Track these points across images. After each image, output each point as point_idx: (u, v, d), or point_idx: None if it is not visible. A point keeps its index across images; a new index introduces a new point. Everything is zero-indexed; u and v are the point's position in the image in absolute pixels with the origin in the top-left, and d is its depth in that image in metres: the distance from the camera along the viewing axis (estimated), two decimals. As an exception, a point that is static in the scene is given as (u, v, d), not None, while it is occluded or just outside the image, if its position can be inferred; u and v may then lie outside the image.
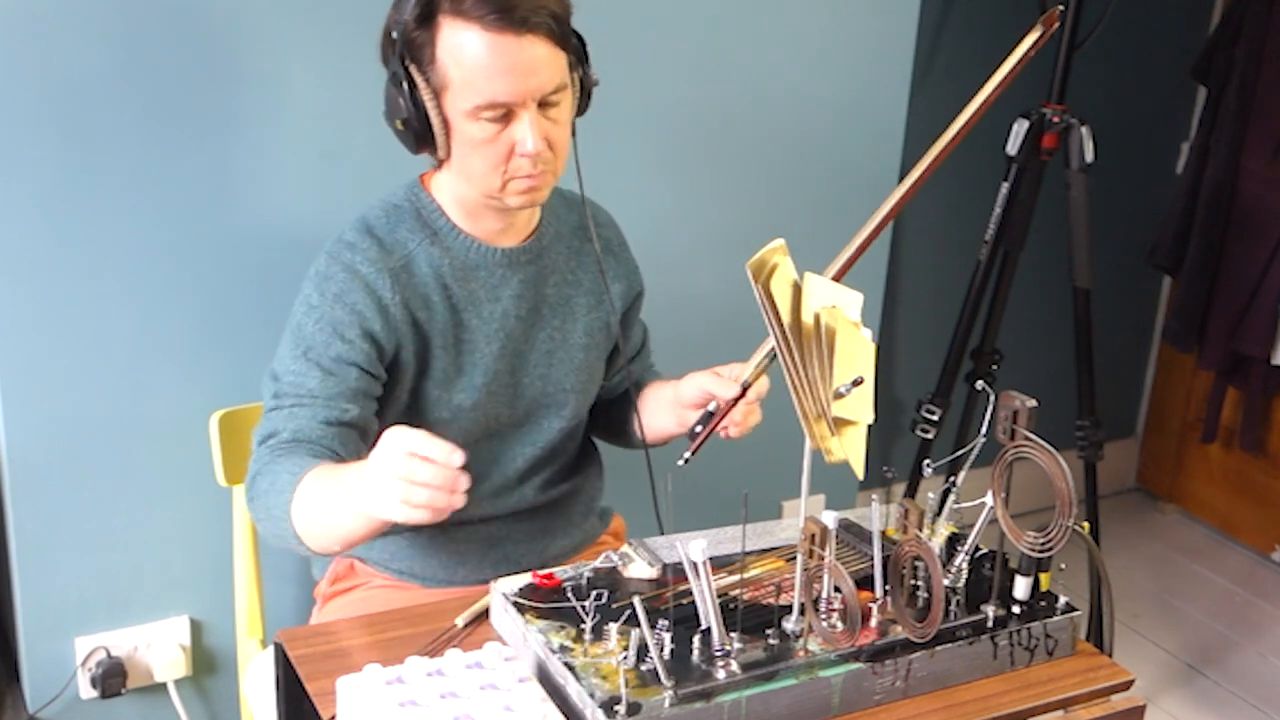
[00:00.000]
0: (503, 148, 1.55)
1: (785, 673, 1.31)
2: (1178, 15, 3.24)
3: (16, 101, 1.83)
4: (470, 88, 1.51)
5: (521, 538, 1.77)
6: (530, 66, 1.51)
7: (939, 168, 1.63)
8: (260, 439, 1.58)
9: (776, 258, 1.34)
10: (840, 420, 1.37)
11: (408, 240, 1.63)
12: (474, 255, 1.66)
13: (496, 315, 1.68)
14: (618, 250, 1.82)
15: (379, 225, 1.64)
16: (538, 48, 1.52)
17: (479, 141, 1.55)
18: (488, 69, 1.50)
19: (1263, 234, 2.98)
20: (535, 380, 1.73)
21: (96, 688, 2.10)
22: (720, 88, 2.37)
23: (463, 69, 1.51)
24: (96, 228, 1.93)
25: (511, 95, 1.52)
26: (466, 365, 1.67)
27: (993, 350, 2.80)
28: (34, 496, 1.99)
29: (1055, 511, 1.34)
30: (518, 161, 1.56)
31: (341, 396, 1.58)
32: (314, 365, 1.58)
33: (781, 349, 1.33)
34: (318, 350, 1.58)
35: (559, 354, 1.74)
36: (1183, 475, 3.55)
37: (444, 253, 1.64)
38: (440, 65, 1.52)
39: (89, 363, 1.97)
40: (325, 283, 1.60)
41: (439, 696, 1.19)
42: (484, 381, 1.68)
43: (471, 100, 1.52)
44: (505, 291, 1.68)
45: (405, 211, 1.66)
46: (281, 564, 2.15)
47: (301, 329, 1.60)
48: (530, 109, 1.53)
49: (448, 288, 1.64)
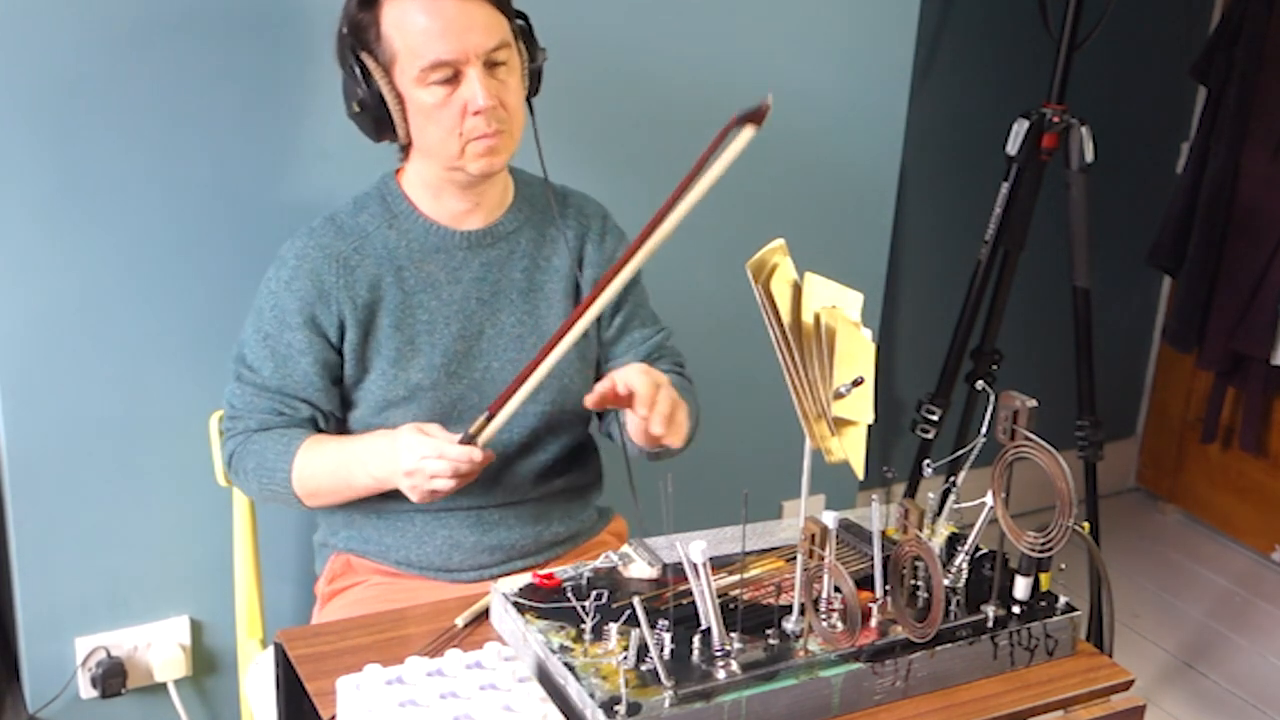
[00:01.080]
0: (455, 110, 1.60)
1: (785, 673, 1.31)
2: (1178, 15, 3.24)
3: (16, 102, 1.83)
4: (414, 53, 1.58)
5: (515, 523, 1.78)
6: (468, 24, 1.58)
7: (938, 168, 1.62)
8: (229, 414, 1.75)
9: (776, 258, 1.34)
10: (840, 420, 1.37)
11: (367, 224, 1.71)
12: (433, 238, 1.71)
13: (456, 297, 1.71)
14: (600, 239, 1.82)
15: (344, 212, 1.73)
16: (476, 7, 1.59)
17: (431, 108, 1.60)
18: (427, 30, 1.58)
19: (1263, 234, 2.98)
20: (505, 366, 1.74)
21: (96, 688, 2.10)
22: (720, 87, 2.37)
23: (405, 36, 1.58)
24: (96, 228, 1.93)
25: (454, 53, 1.58)
26: (423, 345, 1.71)
27: (993, 350, 2.80)
28: (34, 496, 1.99)
29: (1055, 511, 1.34)
30: (472, 122, 1.61)
31: (293, 393, 1.70)
32: (270, 352, 1.70)
33: (781, 349, 1.33)
34: (274, 338, 1.70)
35: (529, 339, 1.75)
36: (1183, 475, 3.55)
37: (400, 235, 1.71)
38: (386, 39, 1.60)
39: (89, 363, 1.97)
40: (280, 268, 1.70)
41: (439, 696, 1.19)
42: (442, 362, 1.71)
43: (416, 64, 1.58)
44: (465, 274, 1.72)
45: (372, 198, 1.74)
46: (281, 564, 2.15)
47: (261, 313, 1.71)
48: (476, 65, 1.59)
49: (401, 269, 1.70)
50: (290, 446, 1.68)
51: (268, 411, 1.71)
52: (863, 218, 2.63)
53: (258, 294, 1.72)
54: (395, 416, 1.71)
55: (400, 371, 1.70)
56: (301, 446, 1.68)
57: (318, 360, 1.69)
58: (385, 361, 1.70)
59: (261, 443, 1.70)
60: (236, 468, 1.74)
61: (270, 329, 1.69)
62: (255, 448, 1.70)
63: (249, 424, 1.72)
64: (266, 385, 1.70)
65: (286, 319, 1.68)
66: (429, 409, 1.71)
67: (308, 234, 1.70)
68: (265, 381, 1.70)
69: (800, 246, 1.42)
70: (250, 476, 1.71)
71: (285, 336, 1.68)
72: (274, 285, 1.69)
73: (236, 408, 1.73)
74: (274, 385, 1.70)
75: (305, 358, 1.69)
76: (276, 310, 1.69)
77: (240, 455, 1.72)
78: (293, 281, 1.68)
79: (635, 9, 2.23)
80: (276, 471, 1.68)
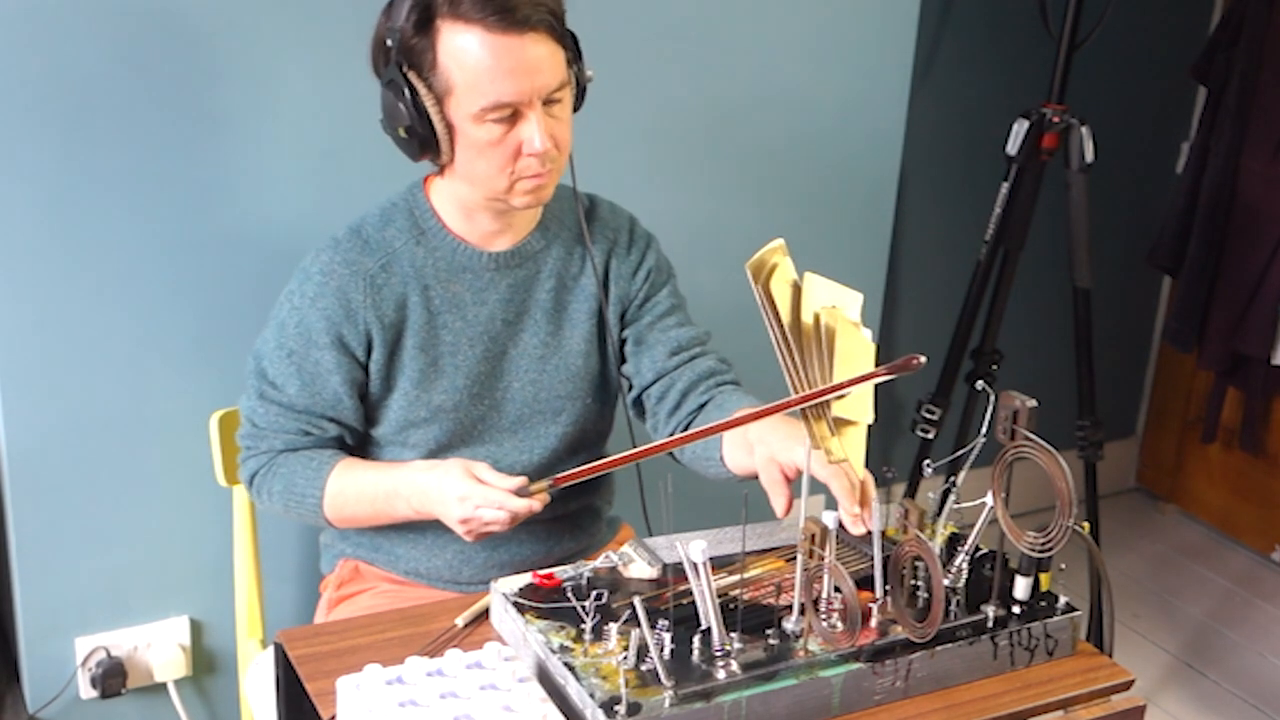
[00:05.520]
0: (509, 149, 1.55)
1: (785, 673, 1.31)
2: (1178, 15, 3.24)
3: (17, 102, 1.83)
4: (475, 91, 1.51)
5: (527, 539, 1.76)
6: (534, 65, 1.52)
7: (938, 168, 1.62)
8: (248, 431, 1.68)
9: (776, 258, 1.34)
10: (840, 420, 1.37)
11: (394, 239, 1.65)
12: (461, 257, 1.66)
13: (481, 319, 1.68)
14: (627, 250, 1.77)
15: (370, 225, 1.67)
16: (540, 46, 1.52)
17: (485, 144, 1.55)
18: (492, 70, 1.50)
19: (1263, 234, 2.98)
20: (526, 386, 1.72)
21: (96, 688, 2.10)
22: (720, 88, 2.37)
23: (466, 72, 1.51)
24: (97, 228, 1.93)
25: (517, 95, 1.52)
26: (447, 367, 1.67)
27: (993, 350, 2.80)
28: (34, 496, 1.99)
29: (1055, 511, 1.34)
30: (525, 161, 1.56)
31: (321, 413, 1.66)
32: (296, 370, 1.64)
33: (781, 349, 1.33)
34: (299, 354, 1.64)
35: (552, 360, 1.72)
36: (1183, 475, 3.55)
37: (429, 254, 1.66)
38: (442, 70, 1.52)
39: (89, 363, 1.97)
40: (305, 282, 1.64)
41: (439, 696, 1.19)
42: (465, 384, 1.68)
43: (477, 103, 1.52)
44: (492, 295, 1.68)
45: (400, 211, 1.67)
46: (281, 564, 2.15)
47: (284, 327, 1.65)
48: (536, 108, 1.54)
49: (428, 288, 1.65)
50: (321, 471, 1.64)
51: (294, 432, 1.66)
52: (863, 218, 2.63)
53: (278, 305, 1.67)
54: (415, 436, 1.68)
55: (423, 393, 1.67)
56: (333, 472, 1.64)
57: (346, 379, 1.64)
58: (409, 382, 1.66)
59: (289, 465, 1.65)
60: (259, 487, 1.69)
61: (295, 346, 1.64)
62: (282, 470, 1.66)
63: (274, 444, 1.67)
64: (293, 405, 1.65)
65: (313, 337, 1.63)
66: (449, 430, 1.68)
67: (333, 248, 1.64)
68: (292, 400, 1.64)
69: (800, 246, 1.42)
70: (276, 498, 1.67)
71: (313, 355, 1.63)
72: (298, 300, 1.64)
73: (259, 426, 1.67)
74: (301, 405, 1.65)
75: (334, 377, 1.64)
76: (302, 328, 1.63)
77: (265, 476, 1.67)
78: (318, 299, 1.62)
79: (635, 9, 2.23)
80: (306, 497, 1.64)
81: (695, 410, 1.74)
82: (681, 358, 1.76)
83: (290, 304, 1.65)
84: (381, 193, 1.70)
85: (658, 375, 1.76)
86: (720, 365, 1.78)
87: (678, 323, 1.78)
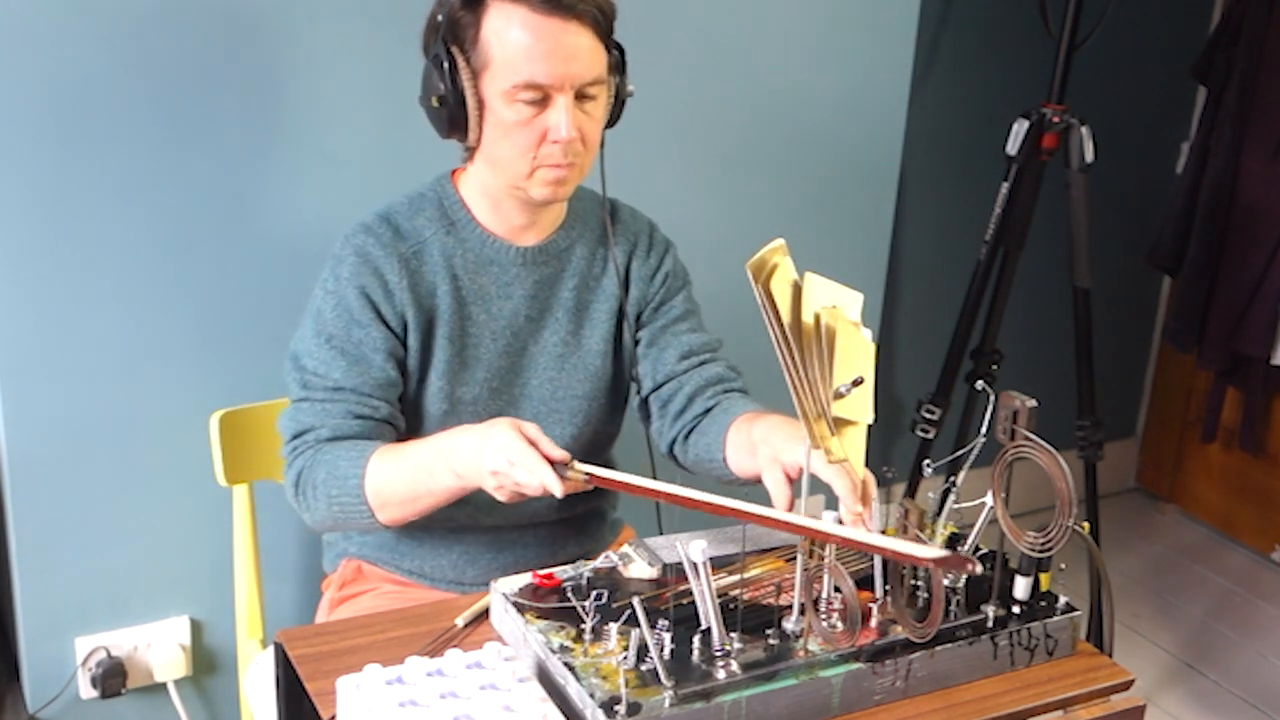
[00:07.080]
0: (535, 133, 1.55)
1: (785, 673, 1.31)
2: (1178, 15, 3.24)
3: (17, 103, 1.83)
4: (510, 66, 1.53)
5: (531, 542, 1.76)
6: (572, 52, 1.53)
7: (938, 168, 1.61)
8: (294, 433, 1.61)
9: (776, 258, 1.34)
10: (840, 420, 1.37)
11: (424, 228, 1.65)
12: (489, 250, 1.66)
13: (505, 313, 1.68)
14: (646, 253, 1.77)
15: (399, 212, 1.66)
16: (581, 37, 1.54)
17: (512, 124, 1.55)
18: (530, 49, 1.52)
19: (1262, 234, 2.98)
20: (544, 384, 1.71)
21: (96, 688, 2.10)
22: (720, 87, 2.37)
23: (505, 48, 1.53)
24: (97, 228, 1.93)
25: (550, 78, 1.53)
26: (471, 360, 1.67)
27: (993, 350, 2.80)
28: (34, 496, 1.99)
29: (1055, 511, 1.34)
30: (548, 149, 1.56)
31: (370, 392, 1.61)
32: (338, 353, 1.60)
33: (781, 349, 1.33)
34: (339, 337, 1.61)
35: (571, 359, 1.72)
36: (1183, 475, 3.55)
37: (459, 244, 1.65)
38: (483, 45, 1.54)
39: (89, 363, 1.97)
40: (339, 266, 1.63)
41: (439, 696, 1.19)
42: (486, 378, 1.68)
43: (510, 79, 1.53)
44: (518, 290, 1.68)
45: (428, 200, 1.67)
46: (281, 564, 2.15)
47: (321, 315, 1.62)
48: (567, 95, 1.54)
49: (457, 279, 1.65)
50: (364, 452, 1.56)
51: (342, 415, 1.59)
52: (863, 218, 2.63)
53: (311, 301, 1.64)
54: (431, 430, 1.64)
55: (448, 385, 1.66)
56: (375, 453, 1.56)
57: (391, 355, 1.61)
58: (436, 374, 1.65)
59: (333, 452, 1.57)
60: (305, 483, 1.59)
61: (334, 330, 1.60)
62: (326, 458, 1.57)
63: (320, 434, 1.59)
64: (340, 386, 1.59)
65: (354, 315, 1.60)
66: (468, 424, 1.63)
67: (364, 231, 1.63)
68: (339, 382, 1.59)
69: (800, 246, 1.41)
70: (319, 491, 1.57)
71: (355, 334, 1.60)
72: (332, 284, 1.61)
73: (304, 423, 1.60)
74: (349, 384, 1.59)
75: (378, 354, 1.60)
76: (340, 309, 1.60)
77: (310, 469, 1.58)
78: (355, 277, 1.60)
79: (635, 9, 2.23)
80: (348, 479, 1.55)
81: (700, 414, 1.74)
82: (691, 362, 1.76)
83: (324, 290, 1.63)
84: (384, 194, 1.70)
85: (666, 378, 1.76)
86: (728, 372, 1.78)
87: (690, 328, 1.79)
